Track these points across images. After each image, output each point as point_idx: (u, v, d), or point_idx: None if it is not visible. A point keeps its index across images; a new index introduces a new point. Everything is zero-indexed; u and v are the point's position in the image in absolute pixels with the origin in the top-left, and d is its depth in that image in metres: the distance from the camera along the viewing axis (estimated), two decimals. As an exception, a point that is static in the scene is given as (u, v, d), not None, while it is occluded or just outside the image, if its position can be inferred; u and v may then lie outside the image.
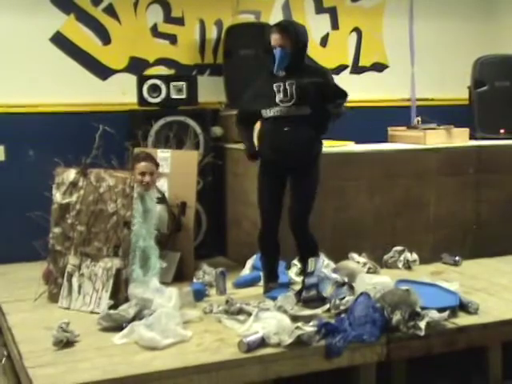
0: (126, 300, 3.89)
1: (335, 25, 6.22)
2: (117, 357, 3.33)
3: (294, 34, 4.20)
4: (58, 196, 4.35)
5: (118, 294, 4.02)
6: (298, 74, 4.18)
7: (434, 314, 3.74)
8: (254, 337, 3.42)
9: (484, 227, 5.50)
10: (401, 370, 3.75)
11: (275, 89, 4.19)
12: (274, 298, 3.97)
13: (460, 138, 5.59)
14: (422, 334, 3.61)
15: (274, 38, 4.19)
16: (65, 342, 3.46)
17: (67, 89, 5.45)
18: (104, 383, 3.08)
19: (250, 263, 4.71)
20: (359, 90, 6.09)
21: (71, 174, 4.35)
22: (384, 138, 5.73)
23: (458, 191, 5.41)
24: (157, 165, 4.65)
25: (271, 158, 4.26)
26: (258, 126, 4.39)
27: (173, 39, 5.73)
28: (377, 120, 5.88)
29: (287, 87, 4.17)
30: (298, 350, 3.42)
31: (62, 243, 4.28)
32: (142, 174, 4.51)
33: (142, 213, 4.35)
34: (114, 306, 3.84)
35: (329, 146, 5.21)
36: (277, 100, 4.19)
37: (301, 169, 4.25)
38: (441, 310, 3.80)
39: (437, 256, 5.23)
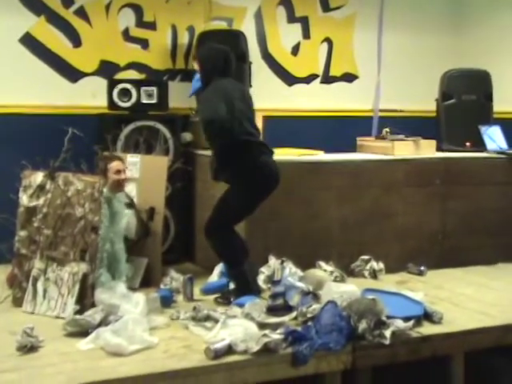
0: (93, 305, 3.87)
1: (306, 34, 6.26)
2: (82, 362, 3.30)
3: (202, 59, 4.39)
4: (24, 199, 4.31)
5: (84, 300, 3.99)
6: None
7: (399, 323, 3.77)
8: (220, 344, 3.41)
9: (449, 238, 5.55)
10: (366, 378, 3.77)
11: None
12: (241, 305, 3.97)
13: (427, 149, 5.65)
14: (387, 342, 3.64)
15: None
16: (29, 347, 3.41)
17: (36, 90, 5.40)
18: (68, 389, 3.05)
19: (217, 269, 4.70)
20: (329, 100, 6.16)
21: (39, 176, 4.32)
22: (353, 148, 5.77)
23: (424, 202, 5.46)
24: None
25: None
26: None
27: (144, 44, 5.72)
28: (346, 130, 5.93)
29: None
30: (264, 357, 3.43)
31: (28, 247, 4.23)
32: (118, 172, 4.48)
33: (109, 216, 4.33)
34: (80, 312, 3.83)
35: (298, 155, 5.26)
36: None
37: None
38: (406, 319, 3.83)
39: (402, 266, 5.28)
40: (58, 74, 5.49)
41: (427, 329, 3.92)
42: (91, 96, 5.47)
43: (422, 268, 5.23)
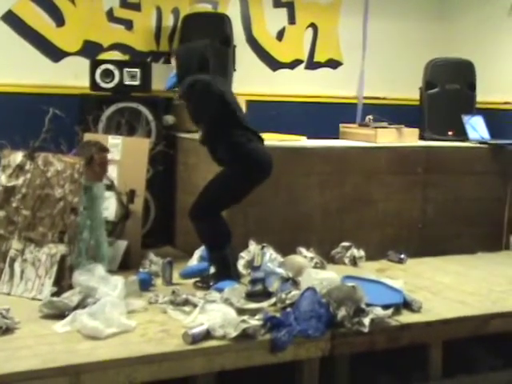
0: (70, 287, 3.83)
1: (292, 19, 6.21)
2: (58, 345, 3.27)
3: (180, 58, 4.42)
4: (3, 178, 4.26)
5: (62, 281, 3.96)
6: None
7: (379, 311, 3.77)
8: (198, 329, 3.40)
9: (430, 226, 5.58)
10: (344, 365, 3.77)
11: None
12: (220, 291, 3.95)
13: (410, 137, 5.65)
14: (366, 330, 3.64)
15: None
16: (4, 329, 3.37)
17: (17, 69, 5.32)
18: (44, 372, 3.01)
19: (197, 254, 4.67)
20: (313, 86, 6.14)
21: (18, 156, 4.26)
22: (336, 135, 5.76)
23: (405, 190, 5.48)
24: None
25: None
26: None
27: (128, 25, 5.65)
28: (329, 116, 5.92)
29: None
30: (242, 343, 3.41)
31: (6, 227, 4.18)
32: (102, 164, 4.40)
33: (88, 202, 4.25)
34: (57, 293, 3.79)
35: (281, 140, 5.24)
36: None
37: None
38: (385, 307, 3.84)
39: (383, 253, 5.30)
40: (40, 53, 5.40)
41: (406, 317, 3.93)
42: (73, 76, 5.40)
43: (402, 256, 5.25)
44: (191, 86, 4.22)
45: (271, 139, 5.16)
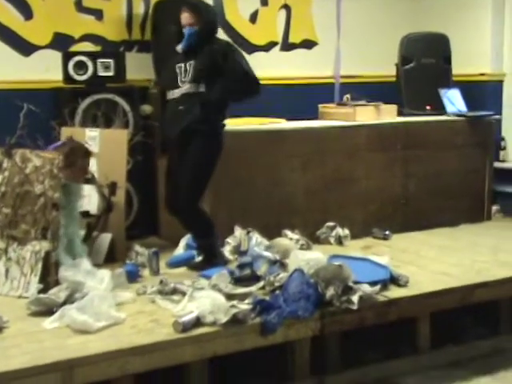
0: (57, 283, 3.80)
1: (264, 1, 6.16)
2: (48, 342, 3.25)
3: (203, 13, 4.29)
4: (-19, 178, 4.20)
5: (48, 278, 3.92)
6: (199, 54, 4.24)
7: (366, 288, 3.81)
8: (188, 317, 3.39)
9: (412, 202, 5.61)
10: (334, 343, 3.79)
11: (177, 70, 4.30)
12: (208, 277, 3.95)
13: (388, 114, 5.67)
14: (355, 307, 3.67)
15: (184, 17, 4.28)
16: (-7, 329, 3.35)
17: (-13, 65, 5.25)
18: (36, 369, 3.00)
19: (183, 242, 4.66)
20: (289, 67, 6.11)
21: (-5, 154, 4.21)
22: (315, 115, 5.74)
23: (387, 167, 5.50)
24: None
25: (170, 137, 4.40)
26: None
27: (98, 14, 5.57)
28: (307, 97, 5.90)
29: (187, 67, 4.27)
30: (233, 328, 3.42)
31: (-13, 227, 4.14)
32: (84, 169, 4.35)
33: (64, 201, 4.19)
34: (44, 290, 3.77)
35: (260, 124, 5.22)
36: (179, 81, 4.30)
37: (191, 146, 4.28)
38: (372, 283, 3.88)
39: (367, 231, 5.32)
40: (9, 47, 5.32)
41: (393, 292, 3.97)
42: (45, 70, 5.33)
43: (387, 232, 5.28)
44: (230, 45, 4.38)
45: (250, 123, 5.15)
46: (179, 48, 4.31)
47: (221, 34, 5.86)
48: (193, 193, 4.31)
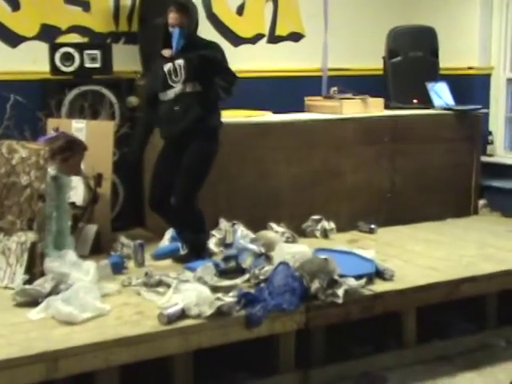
0: (42, 274, 3.80)
1: (252, -7, 6.16)
2: (33, 332, 3.25)
3: (191, 12, 4.31)
4: (-33, 169, 4.18)
5: (34, 269, 3.91)
6: (187, 54, 4.21)
7: (352, 282, 3.81)
8: (173, 309, 3.40)
9: (398, 195, 5.61)
10: (319, 337, 3.80)
11: (165, 70, 4.27)
12: (193, 269, 3.95)
13: (375, 107, 5.67)
14: (341, 301, 3.68)
15: (173, 17, 4.23)
16: (-22, 320, 3.35)
17: (-26, 56, 5.22)
18: (21, 360, 3.00)
19: (168, 234, 4.66)
20: (276, 60, 6.10)
21: (-19, 145, 4.19)
22: (301, 108, 5.74)
23: (373, 160, 5.50)
24: None
25: (169, 138, 4.38)
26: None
27: (85, 6, 5.54)
28: (294, 90, 5.89)
29: (176, 67, 4.24)
30: (218, 320, 3.43)
31: (-27, 217, 4.13)
32: (79, 163, 4.34)
33: (55, 194, 4.18)
34: (30, 281, 3.76)
35: (247, 116, 5.22)
36: (169, 82, 4.27)
37: (191, 145, 4.28)
38: (358, 277, 3.88)
39: (353, 224, 5.33)
40: (-4, 38, 5.31)
41: (379, 286, 3.98)
42: (32, 61, 5.30)
43: (373, 226, 5.29)
44: (217, 46, 4.34)
45: (236, 116, 5.15)
46: (169, 52, 4.25)
47: (208, 27, 5.88)
48: (191, 190, 4.32)
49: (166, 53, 4.27)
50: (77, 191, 4.56)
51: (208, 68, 4.21)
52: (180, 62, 4.24)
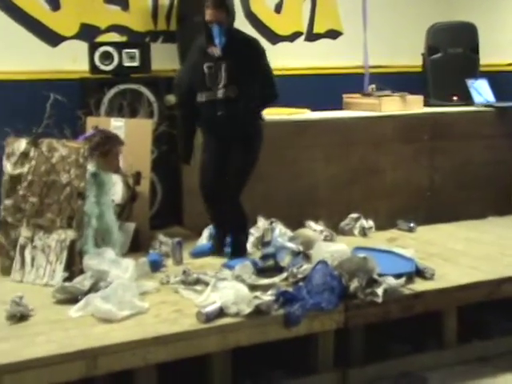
0: (81, 272, 3.83)
1: (289, -10, 6.14)
2: (73, 330, 3.28)
3: (230, 7, 4.17)
4: (8, 167, 4.24)
5: (73, 266, 3.95)
6: (229, 53, 4.10)
7: (391, 281, 3.77)
8: (212, 307, 3.39)
9: (438, 193, 5.56)
10: (358, 336, 3.77)
11: (206, 70, 4.14)
12: (231, 268, 3.95)
13: (415, 105, 5.63)
14: (380, 300, 3.63)
15: (210, 14, 4.10)
16: (19, 317, 3.37)
17: (16, 56, 5.27)
18: (61, 357, 3.01)
19: (206, 232, 4.67)
20: (314, 58, 6.08)
21: (22, 144, 4.24)
22: (339, 106, 5.71)
23: (412, 158, 5.46)
24: None
25: (214, 136, 4.31)
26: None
27: (124, 5, 5.59)
28: (331, 87, 5.86)
29: (217, 68, 4.12)
30: (256, 319, 3.41)
31: (14, 215, 4.17)
32: (117, 157, 4.37)
33: (96, 191, 4.22)
34: (69, 279, 3.79)
35: (285, 114, 5.20)
36: (208, 83, 4.15)
37: (239, 145, 4.23)
38: (397, 276, 3.84)
39: (392, 222, 5.27)
40: (37, 38, 5.36)
41: (419, 285, 3.93)
42: (72, 60, 5.36)
43: (412, 224, 5.22)
44: (257, 45, 4.24)
45: (274, 114, 5.13)
46: (217, 51, 4.12)
47: (246, 25, 5.87)
48: (240, 190, 4.32)
49: (214, 51, 4.13)
50: (115, 189, 4.59)
51: (250, 75, 4.14)
52: (223, 63, 4.12)
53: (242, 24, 5.69)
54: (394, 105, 5.52)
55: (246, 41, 4.28)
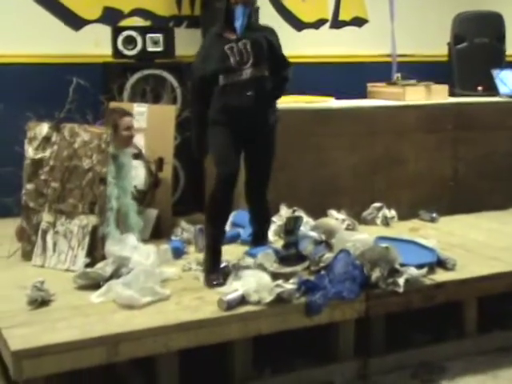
0: (103, 258, 3.84)
1: (315, -22, 6.10)
2: (94, 316, 3.28)
3: None
4: (30, 151, 4.24)
5: (95, 252, 3.96)
6: (251, 34, 3.92)
7: (413, 271, 3.75)
8: (233, 295, 3.39)
9: (461, 184, 5.51)
10: (379, 326, 3.76)
11: (228, 51, 3.88)
12: (253, 256, 3.93)
13: (439, 94, 5.57)
14: (401, 290, 3.63)
15: None
16: (40, 302, 3.38)
17: (38, 39, 5.28)
18: (82, 343, 3.02)
19: (229, 220, 4.64)
20: (339, 45, 6.04)
21: (44, 128, 4.24)
22: (363, 94, 5.67)
23: (436, 148, 5.41)
24: None
25: (234, 126, 3.94)
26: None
27: (148, -11, 5.58)
28: (356, 76, 5.82)
29: (241, 47, 3.88)
30: (278, 307, 3.41)
31: (36, 200, 4.18)
32: (128, 128, 4.35)
33: (115, 172, 4.22)
34: (91, 264, 3.80)
35: (308, 102, 5.17)
36: (232, 63, 3.88)
37: (264, 137, 4.04)
38: (419, 266, 3.82)
39: (414, 212, 5.24)
40: (60, 21, 5.37)
41: (441, 276, 3.91)
42: (94, 44, 5.34)
43: (434, 215, 5.19)
44: (275, 32, 4.06)
45: (298, 101, 5.10)
46: (233, 34, 3.90)
47: (271, 11, 5.84)
48: (268, 185, 4.19)
49: (230, 34, 3.92)
50: (138, 175, 4.58)
51: (273, 55, 3.99)
52: (245, 42, 3.89)
53: (266, 10, 5.69)
54: (418, 94, 5.46)
55: (264, 27, 4.14)
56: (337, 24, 6.19)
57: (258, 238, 4.27)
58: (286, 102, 4.47)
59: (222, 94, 3.93)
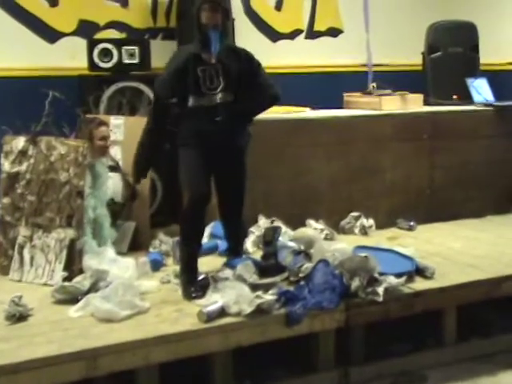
0: (81, 272, 3.81)
1: (290, -12, 6.12)
2: (73, 330, 3.26)
3: (225, 11, 3.91)
4: (6, 165, 4.22)
5: (73, 266, 3.93)
6: (223, 56, 3.84)
7: (392, 280, 3.77)
8: (213, 306, 3.39)
9: (438, 192, 5.54)
10: (359, 335, 3.76)
11: (200, 74, 3.81)
12: (232, 267, 3.93)
13: (415, 103, 5.60)
14: (381, 299, 3.64)
15: (211, 17, 3.79)
16: (17, 317, 3.36)
17: (13, 52, 5.25)
18: (60, 358, 3.00)
19: (207, 231, 4.63)
20: (315, 55, 6.06)
21: (20, 142, 4.22)
22: (339, 104, 5.69)
23: (412, 157, 5.43)
24: None
25: (204, 148, 3.88)
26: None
27: (123, 1, 5.57)
28: (332, 85, 5.85)
29: (213, 72, 3.82)
30: (258, 318, 3.41)
31: (12, 214, 4.15)
32: (103, 138, 4.35)
33: (91, 182, 4.21)
34: (69, 278, 3.77)
35: (285, 113, 5.18)
36: (203, 87, 3.82)
37: (234, 160, 3.98)
38: (398, 275, 3.83)
39: (392, 221, 5.27)
40: (35, 34, 5.33)
41: (419, 284, 3.93)
42: (70, 57, 5.32)
43: (412, 223, 5.22)
44: (253, 56, 3.99)
45: (274, 112, 5.09)
46: (210, 57, 3.80)
47: (246, 22, 5.85)
48: (243, 202, 4.15)
49: (209, 58, 3.82)
50: (115, 188, 4.56)
51: (246, 82, 3.91)
52: (217, 67, 3.82)
53: (242, 21, 5.71)
54: (394, 103, 5.49)
55: (240, 50, 4.02)
56: (312, 34, 6.21)
57: (233, 253, 4.26)
58: (263, 113, 4.47)
59: (191, 116, 3.88)
